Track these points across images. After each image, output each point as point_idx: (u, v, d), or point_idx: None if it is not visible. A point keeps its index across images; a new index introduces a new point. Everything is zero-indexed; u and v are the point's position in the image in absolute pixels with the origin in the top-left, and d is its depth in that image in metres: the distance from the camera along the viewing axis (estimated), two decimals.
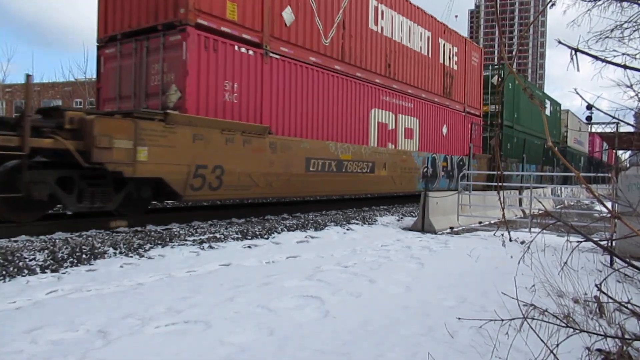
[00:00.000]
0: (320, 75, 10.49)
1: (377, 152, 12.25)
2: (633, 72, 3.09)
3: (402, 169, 13.27)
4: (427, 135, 14.88)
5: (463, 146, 17.23)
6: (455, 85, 16.70)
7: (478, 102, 18.76)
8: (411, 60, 14.12)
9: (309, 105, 10.18)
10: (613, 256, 4.58)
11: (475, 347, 2.93)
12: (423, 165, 14.38)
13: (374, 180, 12.09)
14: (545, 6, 3.01)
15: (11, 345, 2.89)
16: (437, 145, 15.50)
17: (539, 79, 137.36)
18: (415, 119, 14.25)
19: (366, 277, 5.00)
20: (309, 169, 9.90)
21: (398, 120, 13.39)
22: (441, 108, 15.73)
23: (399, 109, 13.43)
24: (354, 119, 11.58)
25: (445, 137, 16.00)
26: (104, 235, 6.48)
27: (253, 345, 3.02)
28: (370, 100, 12.21)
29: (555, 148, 2.49)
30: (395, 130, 13.29)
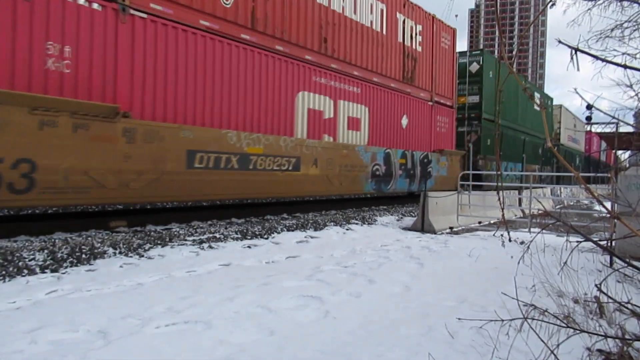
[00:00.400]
0: (217, 46, 8.07)
1: (305, 146, 9.77)
2: (633, 71, 3.09)
3: (342, 167, 10.81)
4: (379, 126, 12.44)
5: (430, 141, 14.87)
6: (419, 70, 14.25)
7: (450, 91, 16.21)
8: (358, 36, 11.59)
9: (197, 83, 7.75)
10: (613, 256, 4.58)
11: (476, 347, 2.93)
12: (372, 162, 11.89)
13: (300, 180, 9.63)
14: (545, 6, 3.01)
15: (11, 346, 2.89)
16: (394, 139, 13.08)
17: (539, 78, 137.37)
18: (364, 107, 11.82)
19: (366, 277, 5.00)
20: (192, 165, 7.51)
21: (338, 107, 10.91)
22: (400, 95, 13.29)
23: (339, 93, 10.95)
24: (270, 104, 9.15)
25: (405, 129, 13.55)
26: (103, 235, 6.47)
27: (253, 346, 3.02)
28: (296, 81, 9.71)
29: (555, 149, 2.49)
30: (335, 120, 10.80)
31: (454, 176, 15.20)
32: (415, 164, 13.89)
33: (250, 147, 8.64)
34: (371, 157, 11.94)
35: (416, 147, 14.15)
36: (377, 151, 12.21)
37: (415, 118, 14.15)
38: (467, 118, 18.32)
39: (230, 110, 8.41)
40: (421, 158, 14.24)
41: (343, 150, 10.99)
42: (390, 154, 12.78)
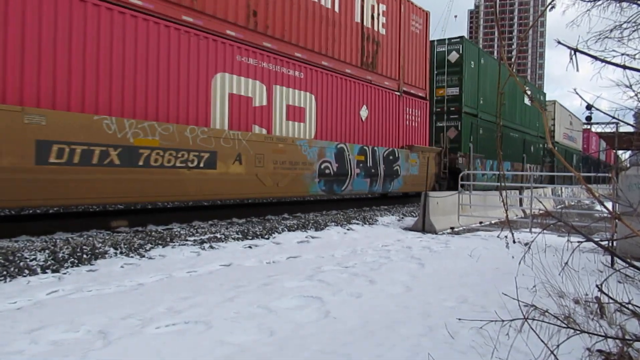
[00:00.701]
0: (88, 10, 6.28)
1: (223, 138, 8.03)
2: (632, 72, 3.09)
3: (277, 164, 9.05)
4: (330, 118, 10.73)
5: (397, 135, 13.24)
6: (383, 56, 12.59)
7: (423, 81, 14.64)
8: (301, 13, 9.90)
9: (48, 53, 5.90)
10: (614, 256, 4.58)
11: (476, 347, 2.93)
12: (320, 159, 10.12)
13: (216, 179, 7.87)
14: (544, 8, 3.02)
15: (12, 346, 2.90)
16: (350, 133, 11.35)
17: (539, 79, 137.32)
18: (310, 94, 10.09)
19: (367, 278, 5.00)
20: (45, 159, 5.82)
21: (274, 94, 9.22)
22: (358, 83, 11.59)
23: (275, 78, 9.26)
24: (174, 87, 7.39)
25: (365, 122, 11.81)
26: (104, 235, 6.48)
27: (253, 346, 3.02)
28: (213, 61, 8.01)
29: (555, 149, 2.49)
30: (269, 108, 9.13)
31: (428, 175, 14.22)
32: (378, 162, 12.06)
33: (140, 138, 6.81)
34: (318, 153, 10.11)
35: (379, 143, 12.41)
36: (326, 146, 10.35)
37: (379, 109, 12.42)
38: (447, 112, 16.82)
39: (109, 90, 6.58)
40: (385, 155, 12.39)
41: (278, 144, 9.12)
42: (345, 149, 10.91)
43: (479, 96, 18.01)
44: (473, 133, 17.40)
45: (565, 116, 32.37)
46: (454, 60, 16.89)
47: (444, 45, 17.02)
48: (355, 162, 11.27)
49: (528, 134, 24.06)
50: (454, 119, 16.69)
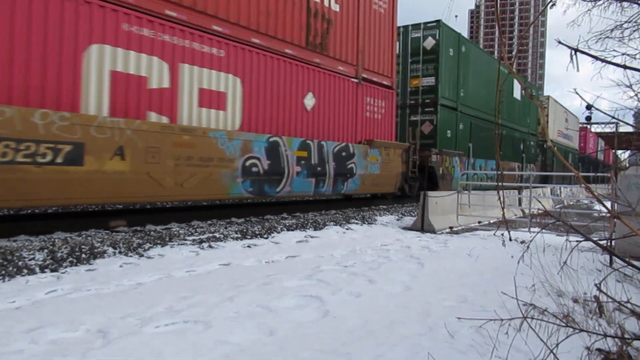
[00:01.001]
0: None
1: (96, 126, 6.30)
2: (633, 72, 3.09)
3: (181, 160, 7.25)
4: (263, 106, 9.02)
5: (354, 129, 11.51)
6: (335, 36, 10.82)
7: (389, 68, 12.89)
8: None
9: None
10: (612, 256, 4.59)
11: (475, 346, 2.94)
12: (245, 154, 8.43)
13: (84, 179, 6.17)
14: (545, 6, 3.02)
15: (11, 345, 2.89)
16: (290, 125, 9.57)
17: (539, 78, 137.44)
18: (234, 77, 8.40)
19: (366, 277, 5.00)
20: None
21: (181, 74, 7.48)
22: (302, 66, 9.81)
23: (183, 54, 7.49)
24: (22, 56, 5.72)
25: (310, 112, 10.02)
26: (103, 234, 6.47)
27: (253, 345, 3.02)
28: (87, 29, 6.34)
29: (555, 148, 2.50)
30: (173, 92, 7.37)
31: (393, 174, 12.53)
32: (327, 159, 10.28)
33: None
34: (242, 147, 8.38)
35: (330, 136, 10.65)
36: (253, 139, 8.60)
37: (329, 98, 10.66)
38: (422, 104, 15.18)
39: None
40: (336, 151, 10.59)
41: (183, 136, 7.31)
42: (280, 144, 9.14)
43: (460, 88, 16.33)
44: (450, 127, 16.03)
45: (560, 113, 31.14)
46: (429, 47, 15.17)
47: (419, 31, 15.30)
48: (295, 159, 9.49)
49: (518, 130, 22.88)
50: (430, 112, 15.14)
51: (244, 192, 8.57)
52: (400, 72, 15.55)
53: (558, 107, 30.72)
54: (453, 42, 16.00)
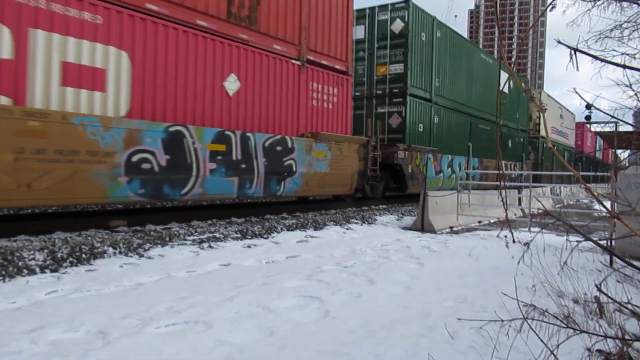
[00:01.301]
0: None
1: None
2: (632, 71, 3.09)
3: (25, 154, 5.61)
4: (163, 88, 7.26)
5: (295, 119, 9.76)
6: (269, 9, 9.07)
7: (342, 50, 11.06)
8: None
9: None
10: (612, 256, 4.59)
11: (476, 347, 2.93)
12: (130, 147, 6.71)
13: None
14: (545, 9, 3.02)
15: (11, 346, 2.89)
16: (203, 112, 7.82)
17: (539, 78, 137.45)
18: (118, 51, 6.71)
19: (366, 277, 5.00)
20: None
21: (31, 42, 5.85)
22: (221, 42, 8.05)
23: (35, 17, 5.88)
24: None
25: (233, 97, 8.31)
26: (103, 234, 6.47)
27: (253, 346, 3.02)
28: None
29: (554, 148, 2.49)
30: (19, 65, 5.76)
31: (347, 173, 10.82)
32: (254, 154, 8.51)
33: None
34: (126, 138, 6.63)
35: (260, 127, 8.88)
36: (143, 128, 6.85)
37: (260, 82, 8.90)
38: (389, 94, 13.65)
39: None
40: (268, 144, 8.86)
41: (28, 121, 5.62)
42: (185, 134, 7.32)
43: (435, 77, 14.81)
44: (423, 120, 14.46)
45: (554, 108, 29.34)
46: (398, 30, 13.53)
47: (386, 12, 13.68)
48: (208, 154, 7.68)
49: (506, 126, 21.38)
50: (398, 103, 13.57)
51: (132, 194, 6.79)
52: (367, 58, 14.18)
53: (551, 103, 29.01)
54: (426, 26, 14.39)
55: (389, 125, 13.73)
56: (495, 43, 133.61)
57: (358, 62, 14.26)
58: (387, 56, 13.81)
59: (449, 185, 15.44)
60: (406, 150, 13.31)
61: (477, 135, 17.90)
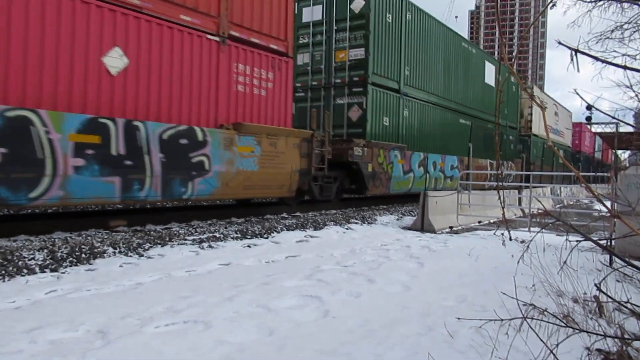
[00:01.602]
0: None
1: None
2: (633, 72, 3.09)
3: None
4: (2, 59, 5.50)
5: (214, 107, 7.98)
6: None
7: (279, 27, 9.21)
8: None
9: None
10: (612, 255, 4.59)
11: (475, 347, 2.93)
12: None
13: None
14: (545, 7, 3.02)
15: (11, 345, 2.89)
16: (70, 93, 6.10)
17: (539, 79, 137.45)
18: None
19: (366, 277, 5.00)
20: None
21: None
22: (100, 8, 6.38)
23: None
24: None
25: (118, 77, 6.60)
26: (103, 234, 6.47)
27: (253, 345, 3.02)
28: None
29: (555, 148, 2.49)
30: None
31: (284, 172, 9.13)
32: (146, 148, 6.79)
33: None
34: None
35: (157, 115, 7.11)
36: None
37: (160, 59, 7.13)
38: (349, 83, 11.96)
39: None
40: (168, 136, 7.09)
41: None
42: (32, 121, 5.60)
43: (404, 65, 13.14)
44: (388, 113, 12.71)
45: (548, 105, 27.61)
46: (358, 9, 11.80)
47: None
48: (72, 147, 5.96)
49: (492, 122, 19.18)
50: (358, 93, 11.85)
51: None
52: (325, 43, 12.49)
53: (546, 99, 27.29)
54: (393, 6, 12.72)
55: (348, 118, 12.02)
56: (496, 44, 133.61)
57: (315, 47, 12.66)
58: (347, 40, 11.95)
59: (419, 186, 13.78)
60: (365, 147, 11.47)
61: (459, 132, 16.53)
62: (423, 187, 13.87)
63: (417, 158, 14.00)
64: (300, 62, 12.86)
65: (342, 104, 12.17)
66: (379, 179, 12.12)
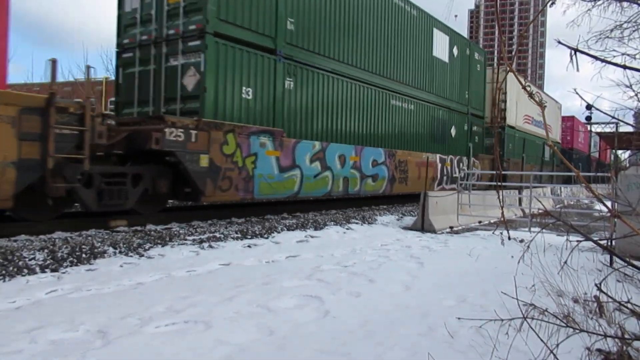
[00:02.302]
0: None
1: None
2: (633, 72, 3.09)
3: None
4: None
5: None
6: None
7: None
8: None
9: None
10: (613, 255, 4.59)
11: (475, 347, 2.93)
12: None
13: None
14: (544, 5, 3.02)
15: (11, 345, 2.89)
16: None
17: (539, 78, 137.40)
18: None
19: (366, 277, 5.00)
20: None
21: None
22: None
23: None
24: None
25: None
26: (103, 234, 6.47)
27: (253, 345, 3.02)
28: None
29: (555, 147, 2.49)
30: None
31: None
32: None
33: None
34: None
35: None
36: None
37: None
38: (183, 35, 8.23)
39: None
40: None
41: None
42: None
43: (285, 14, 9.23)
44: (254, 83, 8.65)
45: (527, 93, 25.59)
46: None
47: None
48: None
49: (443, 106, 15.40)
50: (195, 49, 8.03)
51: None
52: None
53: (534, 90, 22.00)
54: None
55: (182, 87, 8.24)
56: (495, 43, 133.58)
57: None
58: None
59: (315, 189, 10.05)
60: (193, 129, 7.56)
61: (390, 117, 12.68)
62: (324, 188, 10.22)
63: (308, 149, 9.81)
64: (129, 9, 9.11)
65: (176, 67, 8.31)
66: (226, 178, 8.17)
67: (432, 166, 14.54)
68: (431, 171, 14.37)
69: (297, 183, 9.73)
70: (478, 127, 18.28)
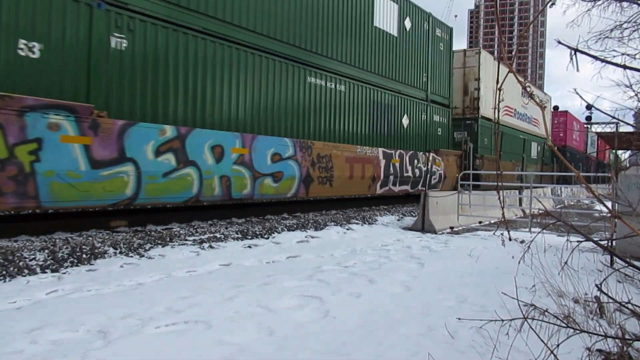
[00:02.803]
0: None
1: None
2: (633, 72, 3.09)
3: None
4: None
5: None
6: None
7: None
8: None
9: None
10: (613, 256, 4.58)
11: (476, 347, 2.93)
12: None
13: None
14: (545, 5, 3.03)
15: (11, 345, 2.89)
16: None
17: (539, 78, 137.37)
18: None
19: (366, 277, 5.00)
20: None
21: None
22: None
23: None
24: None
25: None
26: (104, 235, 6.47)
27: (253, 345, 3.02)
28: None
29: (555, 148, 2.49)
30: None
31: None
32: None
33: None
34: None
35: None
36: None
37: None
38: None
39: None
40: None
41: None
42: None
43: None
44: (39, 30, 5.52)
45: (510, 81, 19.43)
46: None
47: None
48: None
49: (392, 91, 12.62)
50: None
51: None
52: None
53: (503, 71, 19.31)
54: None
55: None
56: (495, 43, 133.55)
57: None
58: None
59: (179, 191, 7.26)
60: None
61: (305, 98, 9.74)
62: (185, 192, 7.34)
63: (151, 135, 6.85)
64: None
65: None
66: None
67: (372, 163, 11.66)
68: (370, 169, 11.54)
69: (130, 184, 6.66)
70: (442, 118, 15.32)
